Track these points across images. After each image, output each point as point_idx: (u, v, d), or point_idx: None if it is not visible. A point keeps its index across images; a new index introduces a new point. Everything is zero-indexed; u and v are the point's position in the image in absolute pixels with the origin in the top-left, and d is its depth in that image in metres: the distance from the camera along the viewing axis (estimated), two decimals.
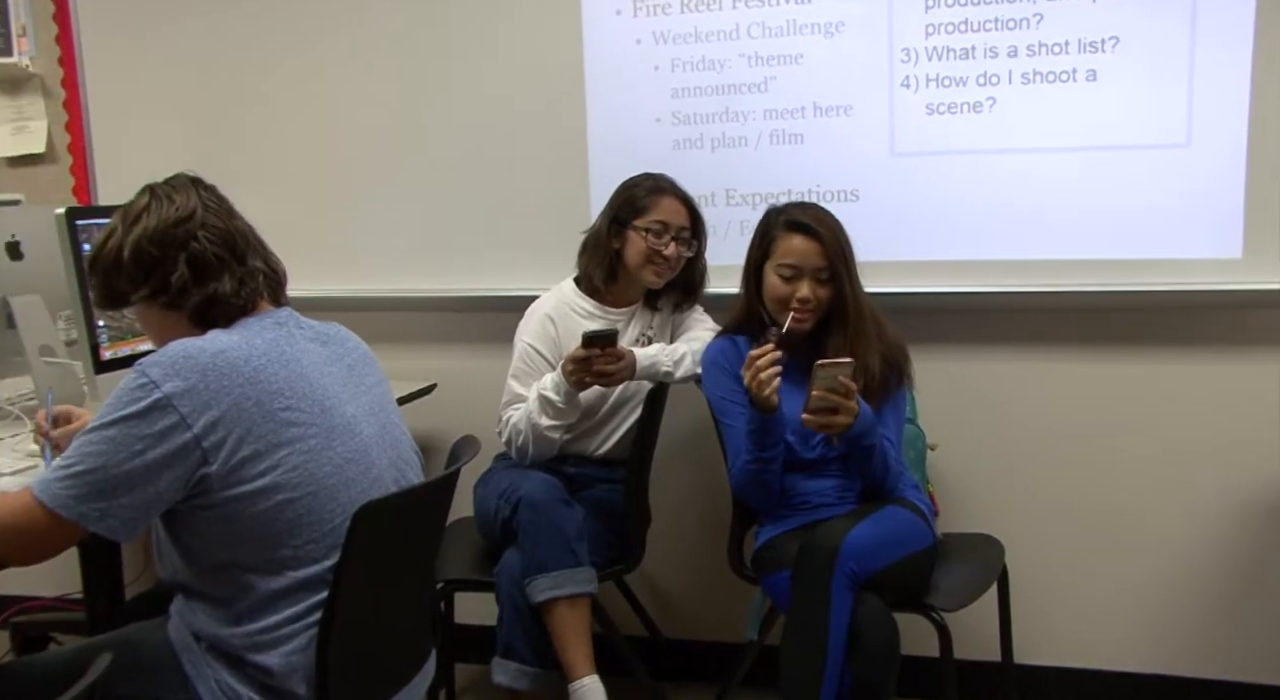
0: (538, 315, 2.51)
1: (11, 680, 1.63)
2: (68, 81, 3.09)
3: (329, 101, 2.95)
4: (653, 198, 2.46)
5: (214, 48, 3.00)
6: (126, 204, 1.69)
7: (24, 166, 3.17)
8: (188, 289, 1.62)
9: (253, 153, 2.98)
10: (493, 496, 2.33)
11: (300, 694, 1.55)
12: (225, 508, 1.51)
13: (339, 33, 2.92)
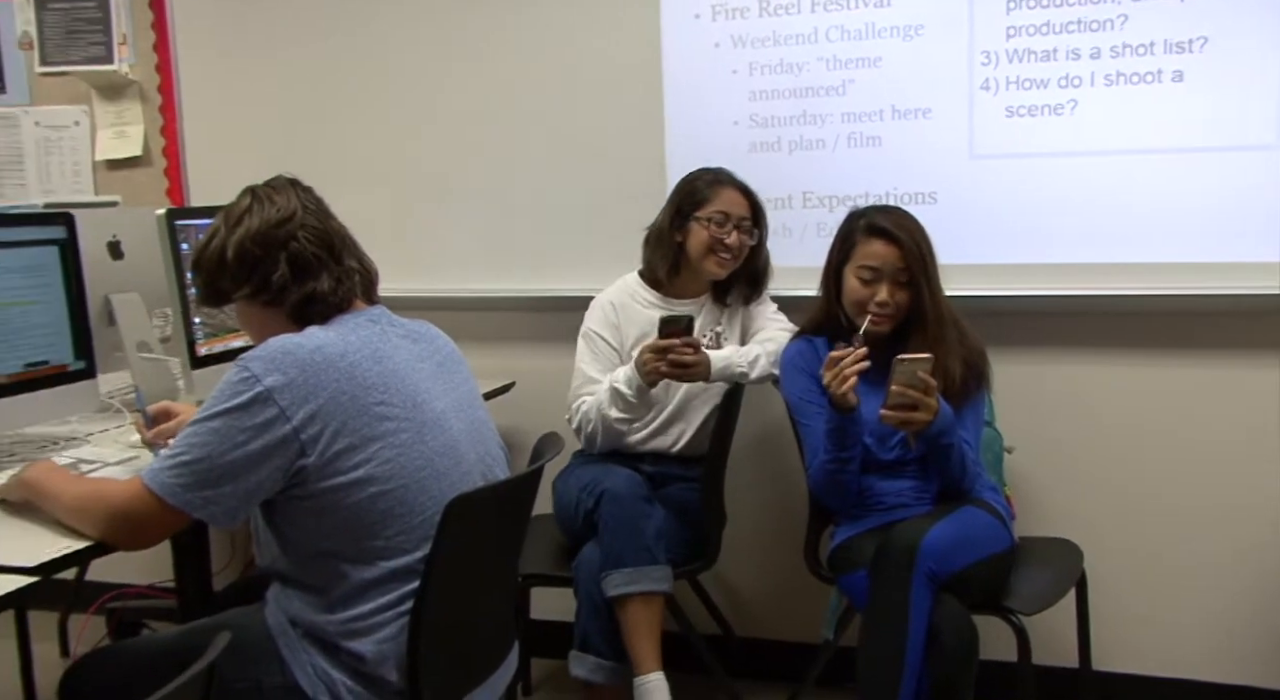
0: (600, 303, 2.59)
1: (125, 658, 1.71)
2: (164, 87, 3.20)
3: (412, 105, 3.02)
4: (713, 189, 2.50)
5: (300, 55, 3.09)
6: (229, 205, 1.76)
7: (121, 169, 3.29)
8: (287, 287, 1.68)
9: (337, 156, 3.06)
10: (574, 489, 2.37)
11: (392, 681, 1.60)
12: (321, 498, 1.57)
13: (422, 38, 2.98)
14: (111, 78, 3.22)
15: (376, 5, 3.01)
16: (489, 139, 2.96)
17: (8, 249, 2.07)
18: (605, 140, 2.87)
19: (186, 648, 1.66)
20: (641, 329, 2.52)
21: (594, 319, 2.57)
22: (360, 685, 1.60)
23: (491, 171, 2.97)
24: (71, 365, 2.23)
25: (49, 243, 2.19)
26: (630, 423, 2.43)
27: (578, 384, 2.51)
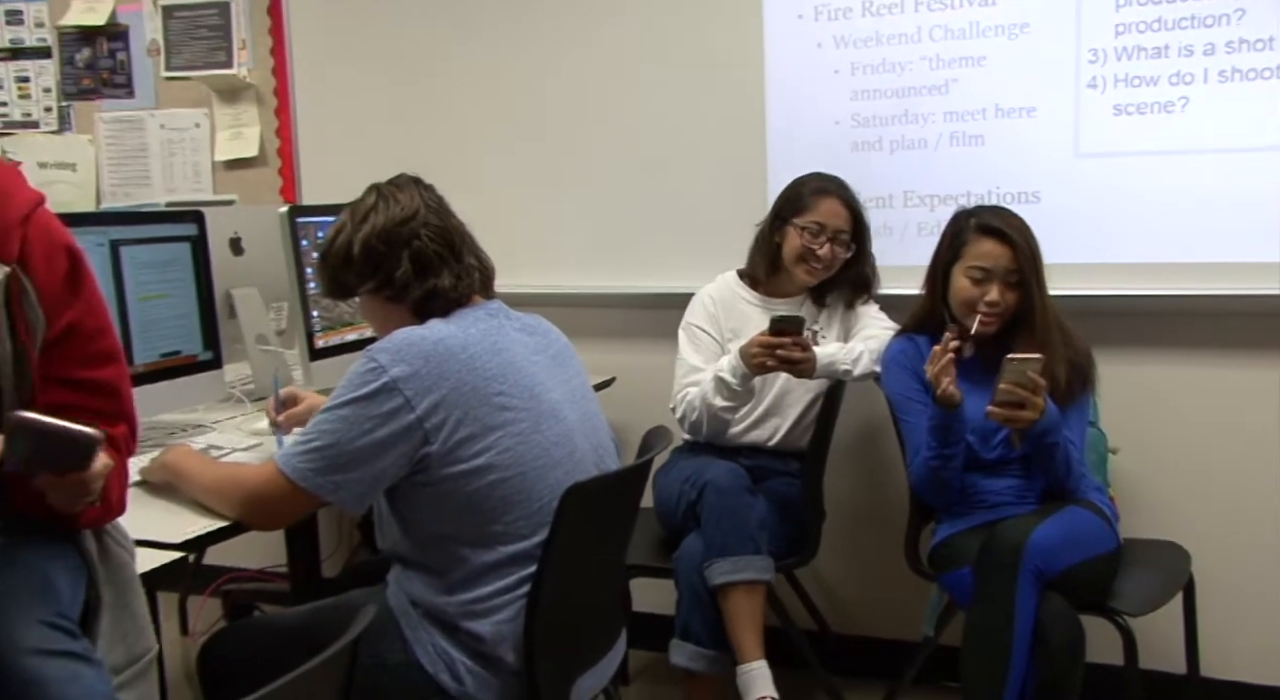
0: (700, 298, 2.64)
1: (258, 634, 1.80)
2: (279, 90, 3.32)
3: (518, 106, 3.09)
4: (815, 197, 2.51)
5: (409, 58, 3.18)
6: (354, 202, 1.83)
7: (238, 169, 3.42)
8: (410, 284, 1.74)
9: (443, 155, 3.14)
10: (676, 482, 2.41)
11: (509, 661, 1.66)
12: (443, 485, 1.64)
13: (528, 39, 3.05)
14: (230, 81, 3.35)
15: (483, 8, 3.09)
16: (592, 138, 3.02)
17: (146, 245, 2.18)
18: (707, 140, 2.90)
19: (316, 625, 1.75)
20: (739, 325, 2.56)
21: (695, 313, 2.62)
22: (478, 665, 1.66)
23: (594, 171, 3.03)
24: (200, 356, 2.34)
25: (181, 239, 2.30)
26: (734, 411, 2.46)
27: (682, 374, 2.56)
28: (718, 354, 2.54)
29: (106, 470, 1.22)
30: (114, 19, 3.45)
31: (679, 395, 2.53)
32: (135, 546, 1.48)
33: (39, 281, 1.29)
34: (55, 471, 1.18)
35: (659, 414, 2.55)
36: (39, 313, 1.29)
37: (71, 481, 1.19)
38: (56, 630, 1.15)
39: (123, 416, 1.39)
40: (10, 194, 1.32)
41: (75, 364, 1.33)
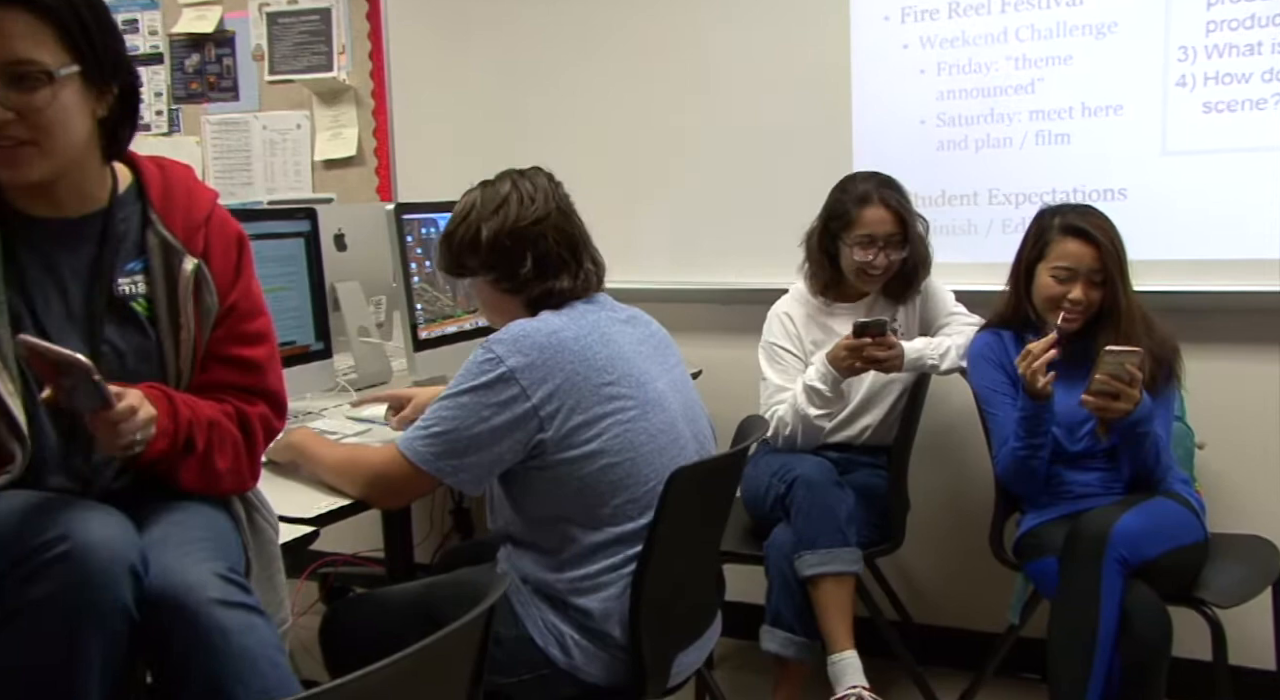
0: (776, 315, 2.67)
1: (376, 607, 1.90)
2: (377, 93, 3.45)
3: (609, 107, 3.17)
4: (859, 209, 2.52)
5: (503, 61, 3.28)
6: (488, 186, 1.86)
7: (336, 169, 3.55)
8: (530, 282, 1.82)
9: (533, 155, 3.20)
10: (765, 475, 2.47)
11: (615, 636, 1.75)
12: (556, 469, 1.73)
13: (616, 43, 3.14)
14: (330, 84, 3.49)
15: (573, 14, 3.18)
16: (679, 137, 3.10)
17: (269, 241, 2.31)
18: (792, 139, 2.96)
19: (432, 599, 1.85)
20: (820, 336, 2.60)
21: (773, 332, 2.65)
22: (586, 639, 1.75)
23: (681, 170, 3.11)
24: (313, 346, 2.46)
25: (297, 235, 2.43)
26: (829, 417, 2.52)
27: (768, 394, 2.59)
28: (800, 370, 2.57)
29: (134, 415, 1.26)
30: (221, 26, 3.61)
31: (767, 414, 2.56)
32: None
33: (215, 270, 1.42)
34: (86, 409, 1.24)
35: (741, 406, 2.60)
36: (215, 300, 1.41)
37: (101, 421, 1.24)
38: (233, 584, 1.26)
39: (265, 395, 1.49)
40: (195, 195, 1.45)
41: (231, 342, 1.45)
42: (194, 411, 1.37)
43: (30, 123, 1.27)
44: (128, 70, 1.38)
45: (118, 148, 1.42)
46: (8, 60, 1.25)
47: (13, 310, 1.34)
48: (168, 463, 1.37)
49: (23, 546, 1.13)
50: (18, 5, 1.26)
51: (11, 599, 1.13)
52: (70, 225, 1.39)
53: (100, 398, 1.21)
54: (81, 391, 1.21)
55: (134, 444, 1.28)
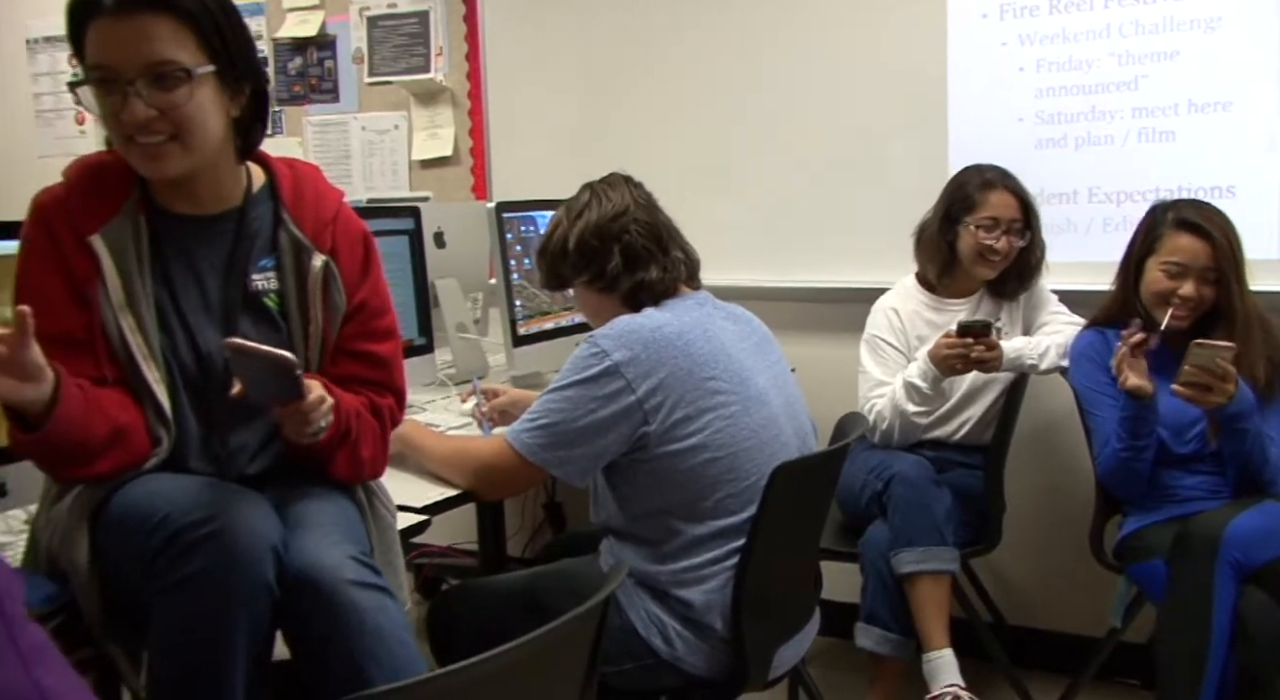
0: (882, 309, 2.66)
1: (481, 595, 1.95)
2: (473, 93, 3.52)
3: (700, 107, 3.20)
4: (983, 193, 2.53)
5: (596, 62, 3.33)
6: (570, 200, 1.96)
7: (433, 168, 3.63)
8: (620, 276, 1.86)
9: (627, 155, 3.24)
10: (861, 472, 2.48)
11: (716, 628, 1.77)
12: (659, 462, 1.75)
13: (709, 42, 3.16)
14: (428, 85, 3.57)
15: (667, 15, 3.21)
16: (772, 136, 3.11)
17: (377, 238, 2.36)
18: (887, 137, 2.96)
19: (537, 588, 1.90)
20: (925, 332, 2.60)
21: (878, 325, 2.65)
22: (688, 630, 1.77)
23: (774, 168, 3.12)
24: (416, 341, 2.52)
25: (401, 233, 2.49)
26: (927, 414, 2.51)
27: (867, 388, 2.60)
28: (903, 365, 2.57)
29: (322, 404, 1.35)
30: (323, 30, 3.71)
31: (865, 408, 2.58)
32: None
33: (342, 267, 1.48)
34: (277, 401, 1.32)
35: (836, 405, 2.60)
36: (343, 297, 1.47)
37: (293, 412, 1.32)
38: (365, 566, 1.31)
39: (392, 389, 1.56)
40: (322, 194, 1.51)
41: (360, 338, 1.51)
42: (346, 402, 1.43)
43: (171, 119, 1.34)
44: (258, 72, 1.45)
45: (250, 147, 1.48)
46: (151, 61, 1.32)
47: (157, 302, 1.41)
48: (329, 450, 1.43)
49: (175, 525, 1.20)
50: (160, 10, 1.33)
51: (166, 574, 1.20)
52: (208, 222, 1.46)
53: (296, 390, 1.29)
54: (278, 385, 1.28)
55: (319, 432, 1.36)
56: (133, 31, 1.31)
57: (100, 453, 1.33)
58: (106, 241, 1.38)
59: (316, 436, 1.37)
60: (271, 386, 1.29)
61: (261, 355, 1.26)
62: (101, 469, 1.33)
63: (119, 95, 1.32)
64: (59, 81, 3.84)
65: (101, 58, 1.32)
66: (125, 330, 1.38)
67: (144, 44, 1.31)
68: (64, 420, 1.25)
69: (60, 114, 3.87)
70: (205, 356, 1.43)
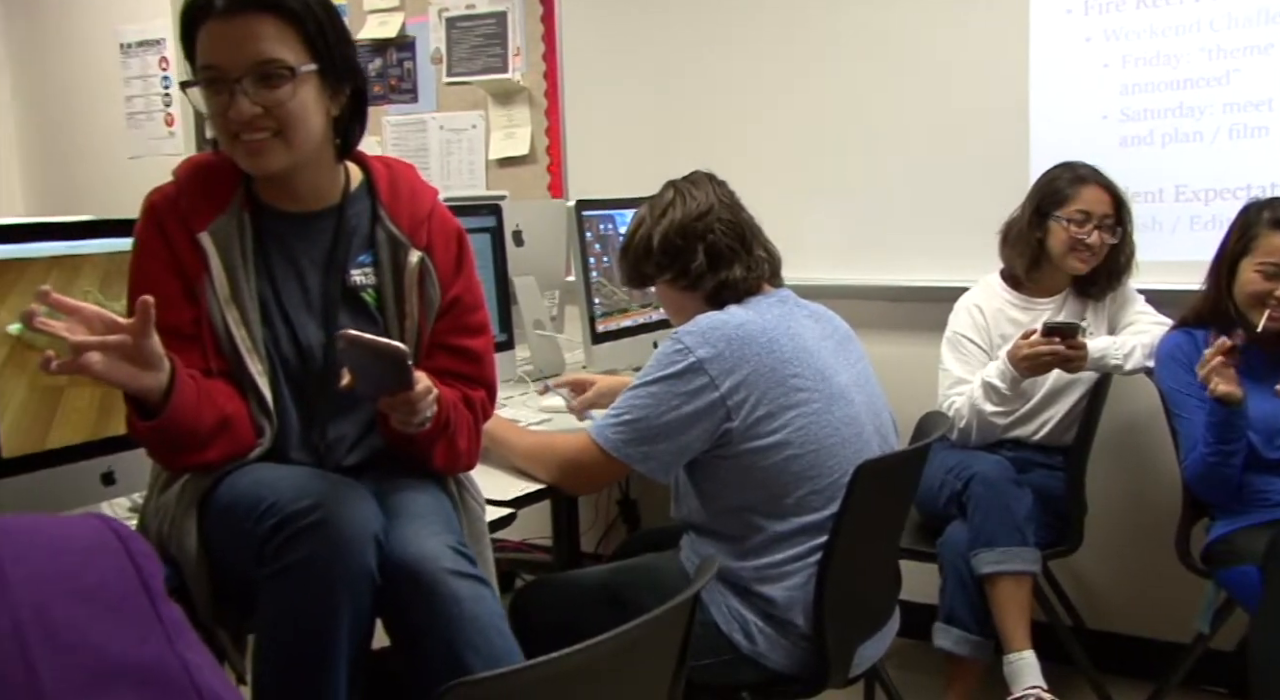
0: (966, 306, 2.64)
1: (563, 588, 1.98)
2: (549, 93, 3.56)
3: (776, 105, 3.19)
4: (1075, 187, 2.50)
5: (672, 61, 3.34)
6: (653, 197, 1.97)
7: (509, 167, 3.67)
8: (704, 275, 1.87)
9: (704, 153, 3.26)
10: (939, 471, 2.46)
11: (798, 625, 1.78)
12: (741, 459, 1.76)
13: (786, 38, 3.15)
14: (505, 85, 3.61)
15: (742, 10, 3.21)
16: (850, 134, 3.09)
17: None
18: (966, 134, 2.93)
19: (617, 583, 1.92)
20: (1009, 331, 2.56)
21: (961, 323, 2.63)
22: (770, 626, 1.78)
23: (851, 166, 3.10)
24: (498, 337, 2.55)
25: (483, 231, 2.53)
26: (1005, 415, 2.49)
27: (947, 385, 2.58)
28: (984, 363, 2.54)
29: (430, 393, 1.38)
30: (403, 31, 3.77)
31: (944, 405, 2.56)
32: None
33: (437, 263, 1.52)
34: (386, 392, 1.34)
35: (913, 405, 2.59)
36: (437, 291, 1.51)
37: (401, 402, 1.35)
38: (463, 556, 1.35)
39: (484, 383, 1.59)
40: (418, 192, 1.55)
41: (454, 332, 1.54)
42: (444, 394, 1.47)
43: (274, 116, 1.39)
44: (359, 73, 1.49)
45: (349, 147, 1.52)
46: (257, 60, 1.37)
47: (260, 297, 1.46)
48: (429, 441, 1.47)
49: (282, 513, 1.24)
50: (266, 10, 1.38)
51: (274, 561, 1.24)
52: (309, 219, 1.50)
53: (406, 381, 1.32)
54: (388, 376, 1.31)
55: (424, 422, 1.39)
56: (240, 31, 1.36)
57: (209, 441, 1.38)
58: (213, 238, 1.43)
59: (422, 426, 1.40)
60: (381, 377, 1.32)
61: (374, 346, 1.29)
62: (210, 457, 1.38)
63: (226, 94, 1.37)
64: (149, 85, 3.96)
65: (210, 58, 1.38)
66: (230, 324, 1.42)
67: (250, 43, 1.36)
68: (178, 408, 1.30)
69: (150, 116, 3.98)
70: (305, 350, 1.48)
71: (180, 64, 3.84)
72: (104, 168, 4.10)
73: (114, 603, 0.64)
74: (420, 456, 1.50)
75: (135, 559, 0.67)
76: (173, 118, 3.95)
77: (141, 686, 0.63)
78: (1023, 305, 2.61)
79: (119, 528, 0.68)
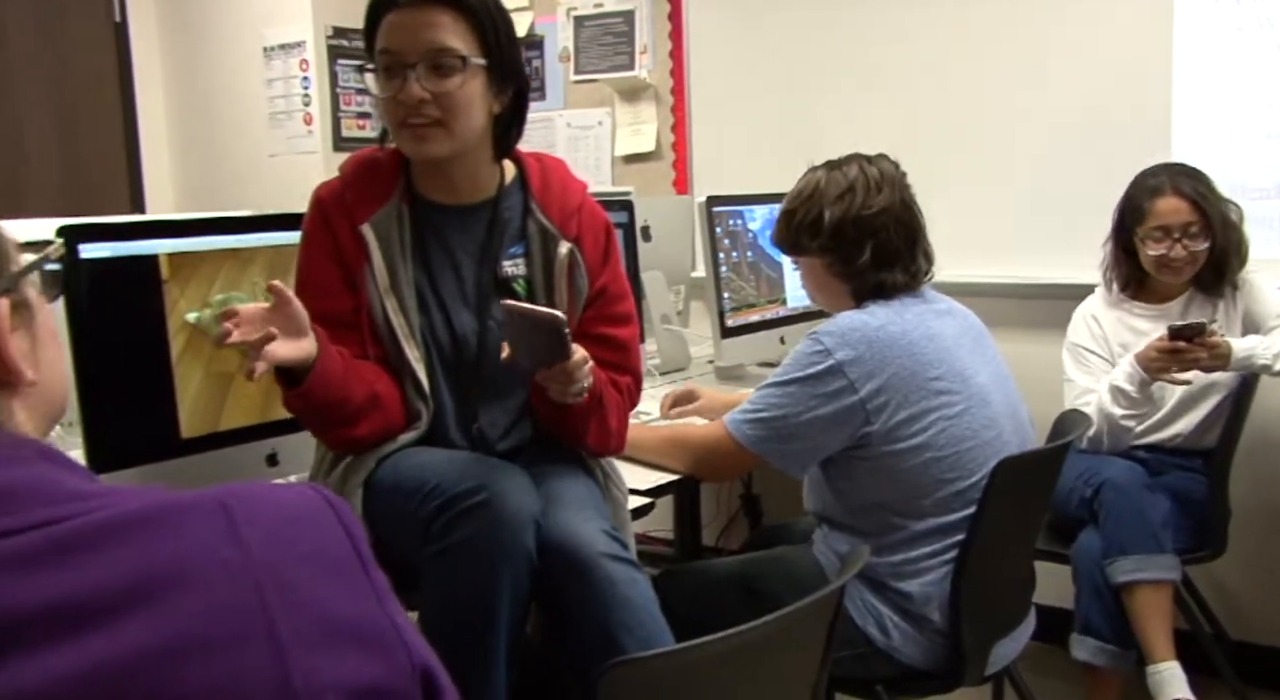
0: (1083, 315, 2.59)
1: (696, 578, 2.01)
2: (676, 90, 3.59)
3: (903, 100, 3.16)
4: (1150, 201, 2.42)
5: (797, 57, 3.33)
6: (833, 168, 1.90)
7: (635, 163, 3.72)
8: (864, 271, 1.83)
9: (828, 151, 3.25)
10: (1070, 477, 2.39)
11: (934, 621, 1.77)
12: (880, 461, 1.76)
13: (914, 33, 3.13)
14: (632, 83, 3.65)
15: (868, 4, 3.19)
16: (981, 127, 3.05)
17: None
18: (1106, 127, 2.86)
19: (752, 574, 1.94)
20: (1130, 339, 2.50)
21: (1078, 333, 2.57)
22: (905, 621, 1.78)
23: (979, 160, 3.06)
24: None
25: (617, 226, 2.56)
26: (1136, 419, 2.42)
27: (1073, 396, 2.52)
28: (1107, 372, 2.48)
29: (586, 363, 1.41)
30: (532, 30, 3.85)
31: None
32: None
33: (586, 254, 1.56)
34: (544, 363, 1.37)
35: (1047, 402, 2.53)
36: (585, 281, 1.55)
37: (558, 372, 1.38)
38: (616, 541, 1.39)
39: (630, 370, 1.63)
40: (568, 185, 1.60)
41: (601, 322, 1.59)
42: (597, 373, 1.51)
43: (441, 104, 1.45)
44: (523, 75, 1.55)
45: (507, 146, 1.58)
46: (432, 47, 1.44)
47: (417, 286, 1.52)
48: (584, 417, 1.51)
49: (447, 494, 1.30)
50: (448, 5, 1.45)
51: (439, 540, 1.29)
52: (465, 212, 1.56)
53: (563, 351, 1.35)
54: (546, 345, 1.35)
55: (581, 392, 1.43)
56: (419, 20, 1.43)
57: (360, 416, 1.44)
58: (375, 230, 1.50)
59: (579, 396, 1.43)
60: (540, 347, 1.36)
61: (534, 316, 1.33)
62: (361, 432, 1.45)
63: (400, 78, 1.43)
64: (290, 86, 4.11)
65: (389, 43, 1.45)
66: (389, 312, 1.49)
67: (428, 31, 1.43)
68: (323, 376, 1.37)
69: (290, 116, 4.14)
70: (460, 337, 1.53)
71: (319, 67, 4.01)
72: (245, 165, 4.29)
73: (332, 565, 0.69)
74: (574, 434, 1.54)
75: (347, 526, 0.71)
76: (311, 117, 4.10)
77: (359, 644, 0.67)
78: (1143, 312, 2.53)
79: (330, 496, 0.73)
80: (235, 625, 0.62)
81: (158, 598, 0.60)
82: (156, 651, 0.59)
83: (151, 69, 4.42)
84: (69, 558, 0.60)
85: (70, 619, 0.58)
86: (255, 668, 0.62)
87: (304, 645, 0.63)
